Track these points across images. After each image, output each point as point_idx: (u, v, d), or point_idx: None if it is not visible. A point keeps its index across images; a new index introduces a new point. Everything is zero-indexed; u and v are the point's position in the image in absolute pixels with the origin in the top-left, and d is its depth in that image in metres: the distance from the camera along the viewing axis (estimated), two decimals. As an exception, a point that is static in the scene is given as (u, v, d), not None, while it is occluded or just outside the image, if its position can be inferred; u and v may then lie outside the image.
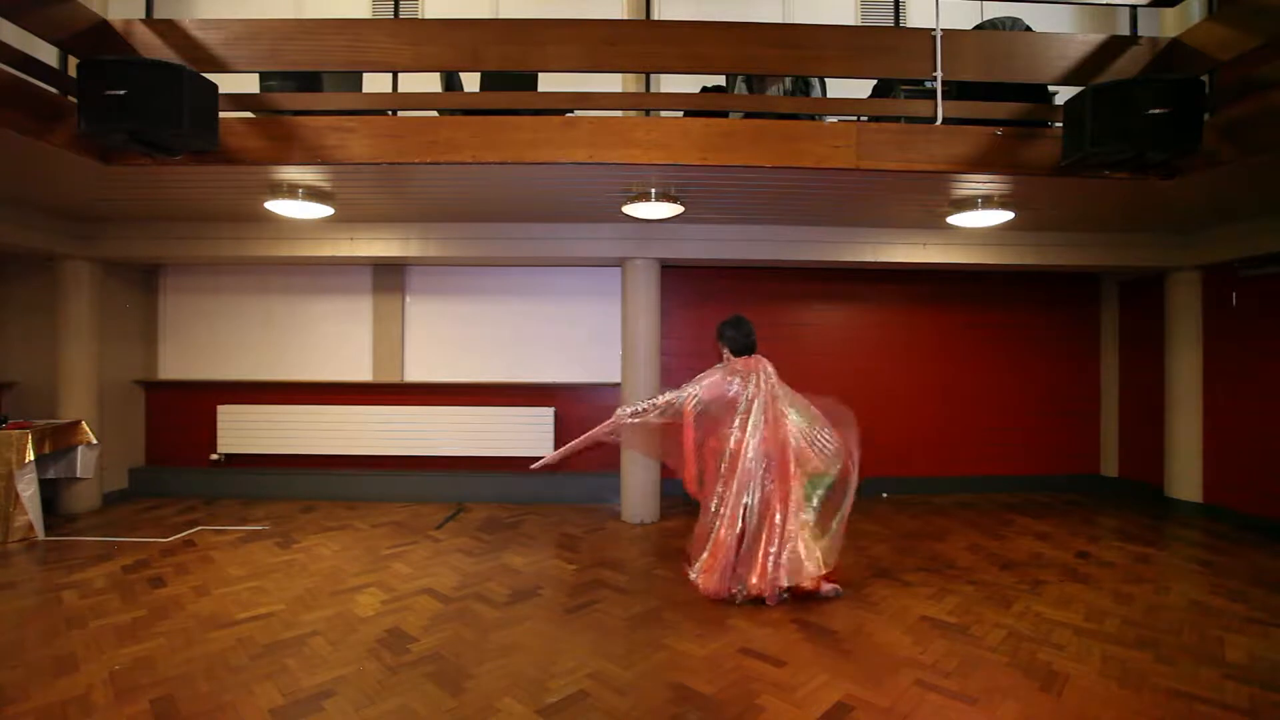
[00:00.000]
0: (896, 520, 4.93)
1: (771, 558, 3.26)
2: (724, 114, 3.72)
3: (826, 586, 3.37)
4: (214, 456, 5.58)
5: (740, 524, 3.31)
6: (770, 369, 3.47)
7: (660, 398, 3.52)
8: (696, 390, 3.44)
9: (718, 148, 3.39)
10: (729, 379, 3.43)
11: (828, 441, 3.39)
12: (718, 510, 3.35)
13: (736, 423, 3.36)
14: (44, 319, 5.10)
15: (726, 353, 3.57)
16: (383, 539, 4.42)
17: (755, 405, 3.35)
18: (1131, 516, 5.10)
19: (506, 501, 5.50)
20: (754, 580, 3.26)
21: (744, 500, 3.31)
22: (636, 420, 3.53)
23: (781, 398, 3.41)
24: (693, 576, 3.41)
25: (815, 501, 3.40)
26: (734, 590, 3.31)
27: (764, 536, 3.28)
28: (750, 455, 3.31)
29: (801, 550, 3.27)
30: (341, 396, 5.59)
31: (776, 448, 3.33)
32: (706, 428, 3.46)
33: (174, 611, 3.18)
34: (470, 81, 4.15)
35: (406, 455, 5.51)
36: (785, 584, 3.25)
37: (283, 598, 3.36)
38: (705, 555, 3.37)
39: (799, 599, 3.33)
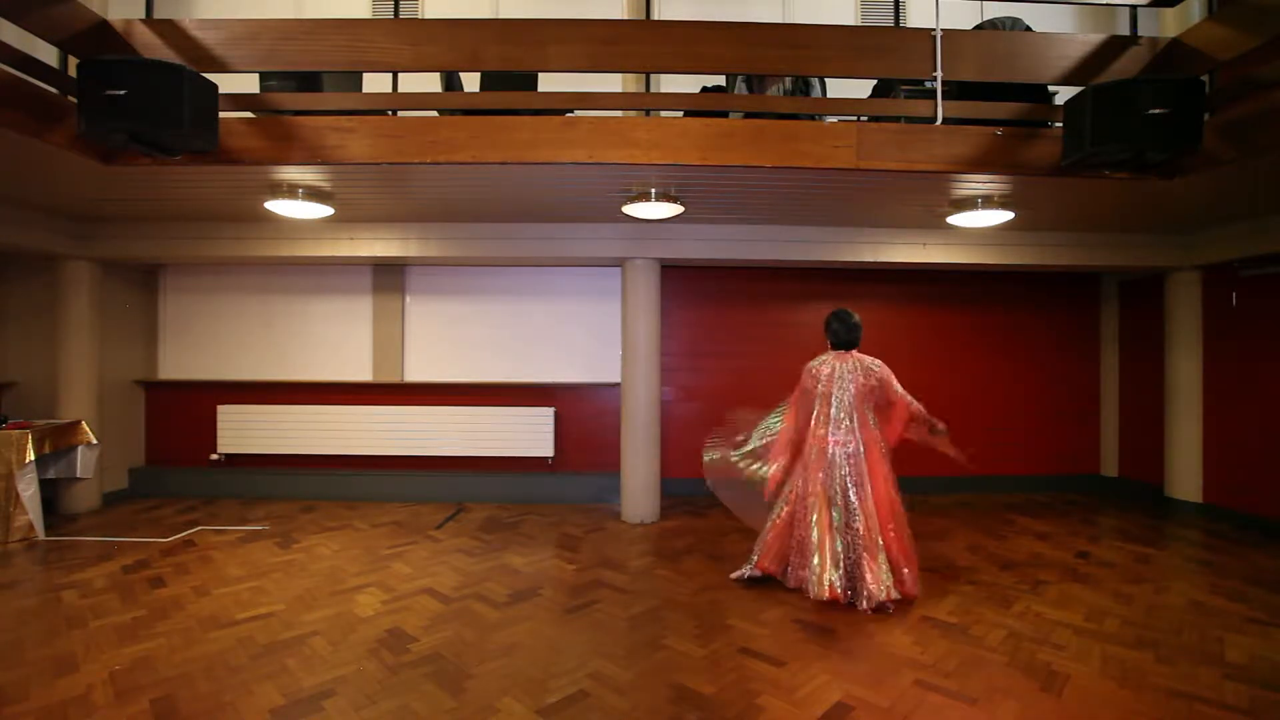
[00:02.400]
0: (896, 520, 4.93)
1: (864, 564, 3.26)
2: (724, 114, 3.72)
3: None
4: (214, 456, 5.58)
5: (808, 515, 3.37)
6: (864, 367, 3.43)
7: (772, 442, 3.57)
8: (788, 410, 3.58)
9: (717, 148, 3.39)
10: (808, 375, 3.53)
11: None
12: (783, 496, 3.50)
13: (812, 418, 3.45)
14: (44, 319, 5.11)
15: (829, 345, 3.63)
16: (383, 539, 4.42)
17: (830, 401, 3.40)
18: (1131, 516, 5.10)
19: (506, 501, 5.49)
20: (868, 585, 3.23)
21: (812, 495, 3.37)
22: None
23: (865, 398, 3.41)
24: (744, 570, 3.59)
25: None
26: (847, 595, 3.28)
27: (853, 542, 3.29)
28: (818, 452, 3.38)
29: (880, 563, 3.27)
30: (342, 396, 5.59)
31: (855, 450, 3.35)
32: (801, 424, 3.55)
33: (174, 611, 3.18)
34: (470, 81, 4.15)
35: (406, 455, 5.51)
36: (874, 600, 3.22)
37: (283, 598, 3.36)
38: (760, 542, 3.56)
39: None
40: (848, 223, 4.88)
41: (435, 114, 3.60)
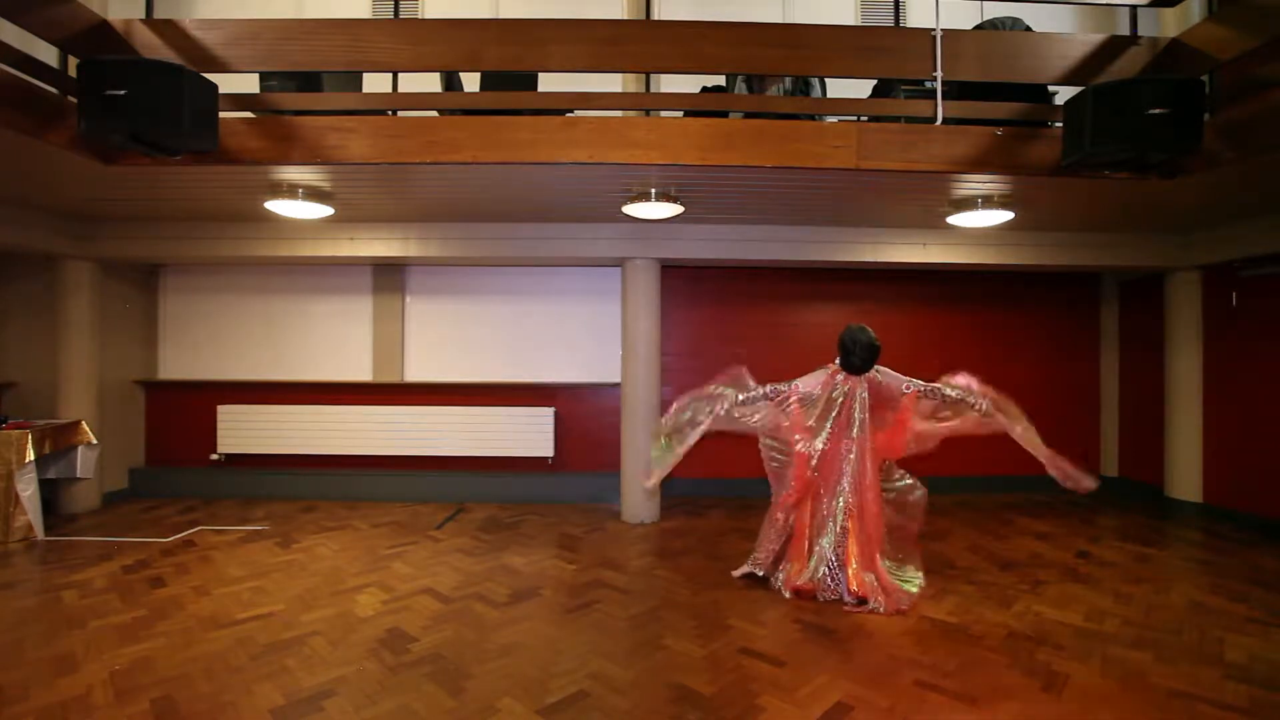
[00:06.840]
0: (896, 520, 4.93)
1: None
2: (724, 114, 3.72)
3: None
4: (214, 456, 5.58)
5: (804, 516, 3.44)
6: (871, 381, 3.42)
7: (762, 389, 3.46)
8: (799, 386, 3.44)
9: (717, 148, 3.39)
10: (826, 386, 3.44)
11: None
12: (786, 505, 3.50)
13: (825, 433, 3.42)
14: (44, 319, 5.10)
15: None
16: (383, 539, 4.42)
17: (849, 417, 3.40)
18: (1131, 516, 5.10)
19: (506, 501, 5.49)
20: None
21: (834, 502, 3.42)
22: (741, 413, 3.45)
23: (874, 410, 3.45)
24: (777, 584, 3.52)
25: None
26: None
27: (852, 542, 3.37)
28: (829, 459, 3.41)
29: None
30: (342, 396, 5.59)
31: (857, 454, 3.41)
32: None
33: (174, 611, 3.18)
34: (470, 81, 4.15)
35: (406, 455, 5.51)
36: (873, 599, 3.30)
37: (283, 598, 3.36)
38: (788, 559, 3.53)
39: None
40: (848, 223, 4.88)
41: (435, 114, 3.60)
